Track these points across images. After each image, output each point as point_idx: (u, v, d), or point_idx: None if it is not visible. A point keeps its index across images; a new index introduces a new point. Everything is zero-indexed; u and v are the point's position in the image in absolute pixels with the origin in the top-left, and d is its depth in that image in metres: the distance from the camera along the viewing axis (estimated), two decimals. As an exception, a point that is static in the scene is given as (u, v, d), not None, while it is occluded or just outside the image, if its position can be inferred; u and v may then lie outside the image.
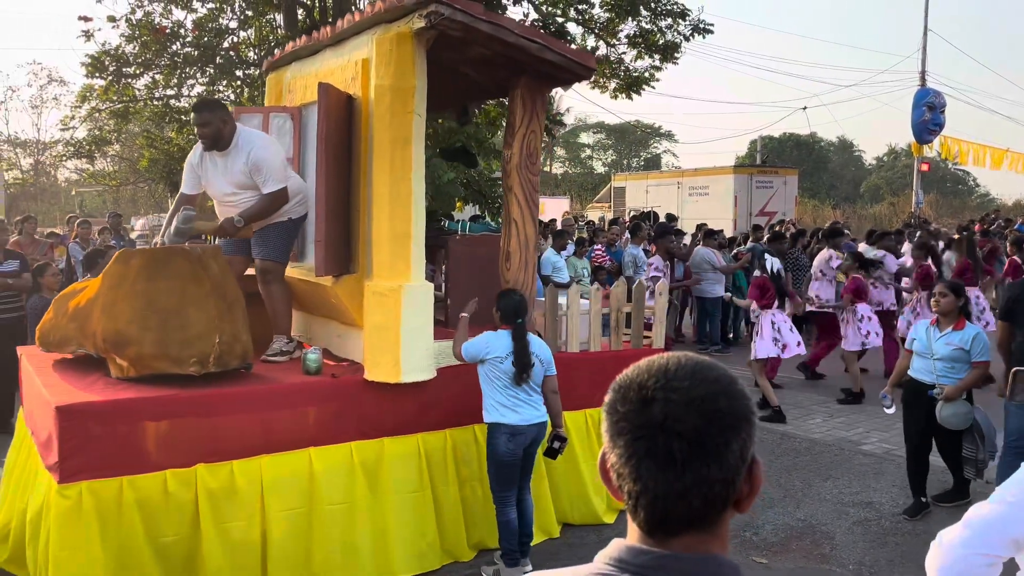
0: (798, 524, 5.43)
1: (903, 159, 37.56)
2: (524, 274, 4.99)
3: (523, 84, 4.87)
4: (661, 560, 1.02)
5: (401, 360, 4.49)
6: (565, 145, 48.49)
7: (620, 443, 1.05)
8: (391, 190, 4.49)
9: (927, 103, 23.10)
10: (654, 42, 16.84)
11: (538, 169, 4.96)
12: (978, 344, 5.15)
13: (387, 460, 4.61)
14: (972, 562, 1.78)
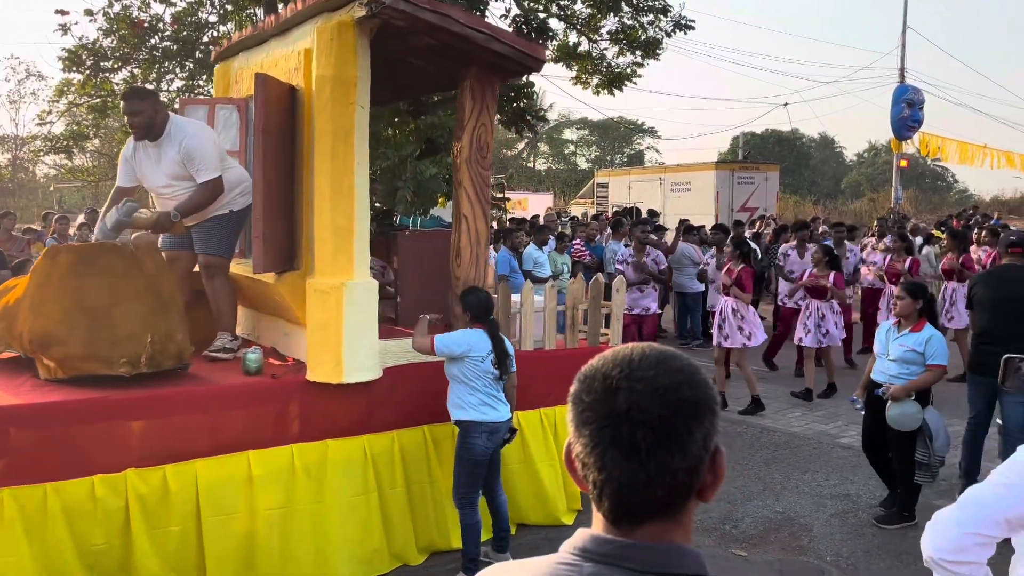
0: (777, 517, 5.41)
1: (883, 155, 37.46)
2: (475, 270, 4.78)
3: (472, 75, 4.65)
4: (625, 549, 1.01)
5: (344, 360, 4.28)
6: (549, 141, 48.17)
7: (585, 432, 1.04)
8: (333, 184, 4.27)
9: (906, 100, 22.93)
10: (636, 38, 16.67)
11: (489, 163, 4.75)
12: (932, 347, 4.95)
13: (331, 463, 4.40)
14: (965, 541, 1.78)
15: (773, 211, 22.13)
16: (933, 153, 25.36)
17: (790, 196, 33.23)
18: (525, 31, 14.97)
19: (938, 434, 4.88)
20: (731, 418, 7.78)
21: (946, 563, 1.81)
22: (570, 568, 1.03)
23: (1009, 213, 30.20)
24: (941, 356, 4.94)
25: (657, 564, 1.01)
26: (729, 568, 4.70)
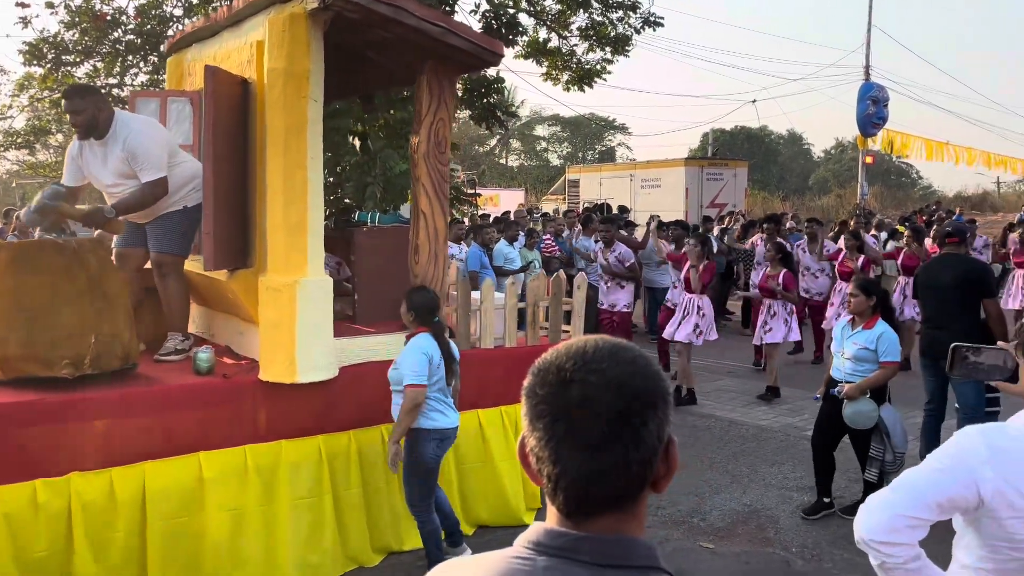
0: (744, 509, 5.43)
1: (850, 152, 37.79)
2: (434, 267, 4.68)
3: (429, 69, 4.55)
4: (578, 542, 1.00)
5: (297, 359, 4.16)
6: (521, 137, 47.93)
7: (539, 426, 1.03)
8: (285, 179, 4.15)
9: (871, 97, 23.16)
10: (605, 34, 16.66)
11: (447, 159, 4.65)
12: (884, 343, 4.93)
13: (284, 464, 4.28)
14: (896, 524, 1.79)
15: (742, 207, 22.23)
16: (897, 150, 25.63)
17: (759, 192, 33.39)
18: (495, 26, 14.89)
19: (894, 430, 4.86)
20: (701, 412, 7.79)
21: (876, 544, 1.82)
22: (524, 562, 1.02)
23: (971, 209, 30.58)
24: (893, 352, 4.92)
25: (611, 556, 1.00)
26: (697, 561, 4.70)
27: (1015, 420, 1.90)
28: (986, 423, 1.88)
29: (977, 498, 1.76)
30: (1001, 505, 1.75)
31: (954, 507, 1.81)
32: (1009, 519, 1.75)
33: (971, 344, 2.61)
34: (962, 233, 6.20)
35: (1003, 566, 1.79)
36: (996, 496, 1.74)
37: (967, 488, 1.76)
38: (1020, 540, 1.75)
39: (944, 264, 5.86)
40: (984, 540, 1.81)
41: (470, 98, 13.98)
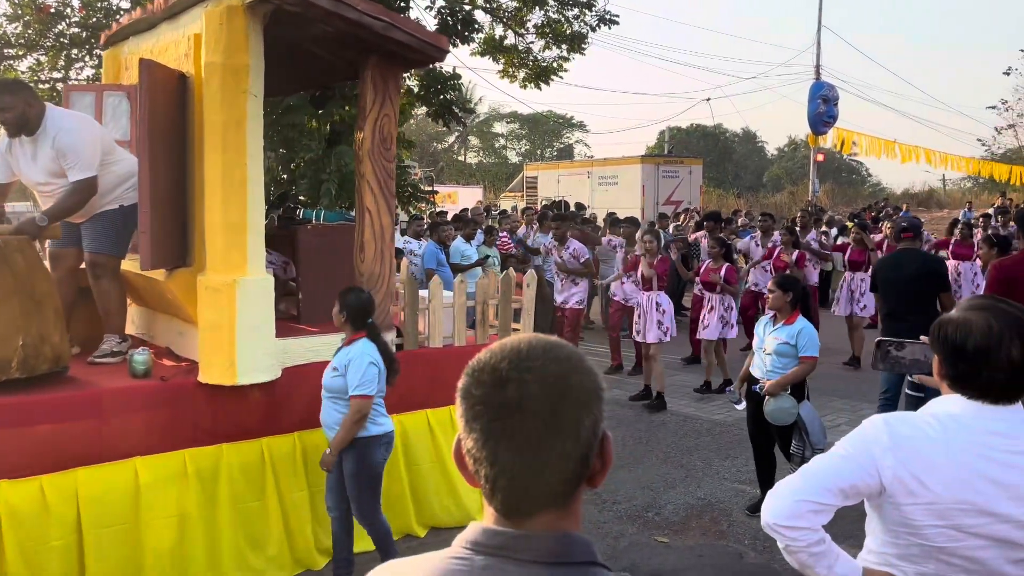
0: (698, 503, 5.46)
1: (802, 150, 38.29)
2: (380, 266, 4.58)
3: (373, 65, 4.45)
4: (516, 540, 1.00)
5: (237, 360, 4.04)
6: (479, 135, 47.73)
7: (476, 427, 1.01)
8: (224, 176, 4.03)
9: (822, 96, 23.52)
10: (561, 32, 16.68)
11: (393, 155, 4.56)
12: (803, 339, 4.94)
13: (226, 468, 4.17)
14: (799, 508, 1.83)
15: (697, 204, 22.42)
16: (848, 148, 26.07)
17: (714, 189, 33.74)
18: (451, 23, 14.78)
19: (812, 426, 4.86)
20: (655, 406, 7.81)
21: (780, 528, 1.86)
22: (462, 562, 1.01)
23: (918, 206, 31.30)
24: (811, 348, 4.93)
25: (548, 553, 1.00)
26: (651, 555, 4.70)
27: (926, 408, 1.91)
28: (892, 412, 1.93)
29: (879, 484, 1.80)
30: (900, 492, 1.78)
31: (857, 493, 1.85)
32: (908, 505, 1.78)
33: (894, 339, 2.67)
34: (916, 228, 6.39)
35: (904, 551, 1.83)
36: (895, 483, 1.78)
37: (869, 475, 1.81)
38: (919, 526, 1.78)
39: (901, 259, 6.03)
40: (886, 526, 1.84)
41: (427, 94, 13.88)
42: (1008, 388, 1.80)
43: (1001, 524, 1.75)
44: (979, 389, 1.81)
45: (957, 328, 1.85)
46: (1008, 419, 1.80)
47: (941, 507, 1.76)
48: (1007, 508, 1.74)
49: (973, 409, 1.81)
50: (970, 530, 1.75)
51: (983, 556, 1.76)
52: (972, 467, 1.76)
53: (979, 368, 1.80)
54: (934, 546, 1.78)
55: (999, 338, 1.78)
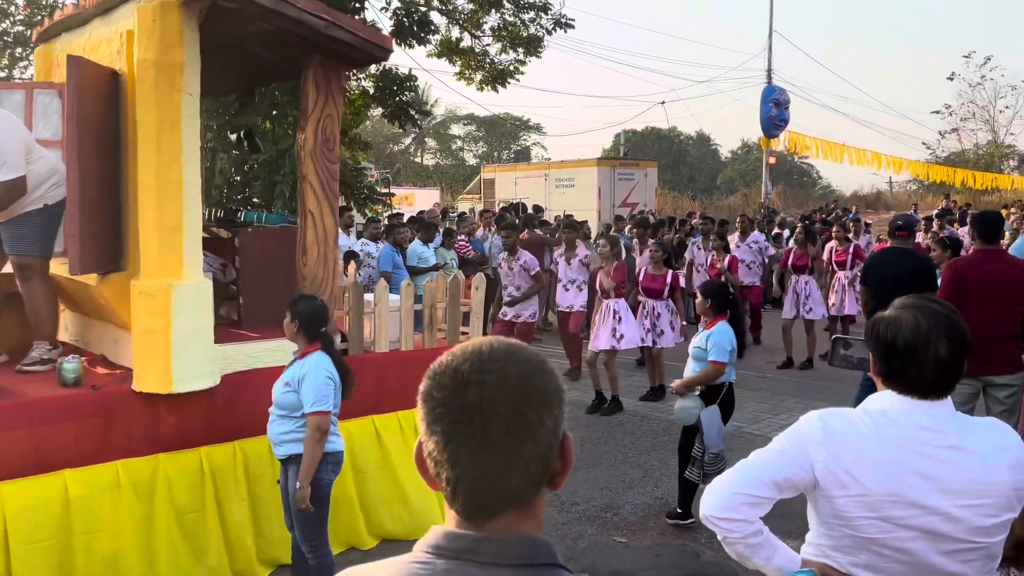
0: (655, 503, 5.46)
1: (755, 153, 38.83)
2: (323, 269, 4.46)
3: (315, 64, 4.33)
4: (477, 543, 1.00)
5: (173, 368, 3.89)
6: (436, 136, 47.44)
7: (437, 429, 1.01)
8: (158, 177, 3.87)
9: (773, 99, 23.84)
10: (517, 35, 16.67)
11: (336, 156, 4.44)
12: (711, 343, 4.95)
13: (163, 479, 4.01)
14: (734, 501, 1.87)
15: (653, 206, 22.57)
16: (800, 151, 26.48)
17: (669, 192, 34.01)
18: (407, 24, 14.65)
19: (709, 430, 4.87)
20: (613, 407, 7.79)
21: (717, 520, 1.89)
22: (424, 566, 1.01)
23: (866, 207, 31.92)
24: (716, 353, 4.90)
25: (510, 555, 1.00)
26: (610, 556, 4.71)
27: (862, 405, 1.94)
28: (828, 408, 1.94)
29: (812, 478, 1.84)
30: (832, 485, 1.82)
31: (791, 486, 1.88)
32: (840, 498, 1.82)
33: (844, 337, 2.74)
34: (910, 227, 6.59)
35: (838, 542, 1.86)
36: (828, 476, 1.82)
37: (802, 468, 1.85)
38: (851, 518, 1.82)
39: (896, 256, 6.16)
40: (821, 518, 1.88)
41: (383, 96, 13.74)
42: (936, 384, 1.83)
43: (929, 516, 1.78)
44: (909, 385, 1.84)
45: (888, 326, 1.88)
46: (936, 414, 1.84)
47: (871, 499, 1.79)
48: (935, 501, 1.78)
49: (904, 405, 1.85)
50: (899, 521, 1.79)
51: (912, 547, 1.79)
52: (901, 461, 1.79)
53: (908, 365, 1.83)
54: (865, 537, 1.81)
55: (927, 336, 1.81)
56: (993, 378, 5.02)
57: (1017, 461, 1.83)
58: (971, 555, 1.81)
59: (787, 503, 1.99)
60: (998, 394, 5.06)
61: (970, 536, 1.79)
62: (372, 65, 6.92)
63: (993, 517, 1.80)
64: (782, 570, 1.91)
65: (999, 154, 38.75)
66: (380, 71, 13.83)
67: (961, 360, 1.84)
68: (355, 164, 13.07)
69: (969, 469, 1.79)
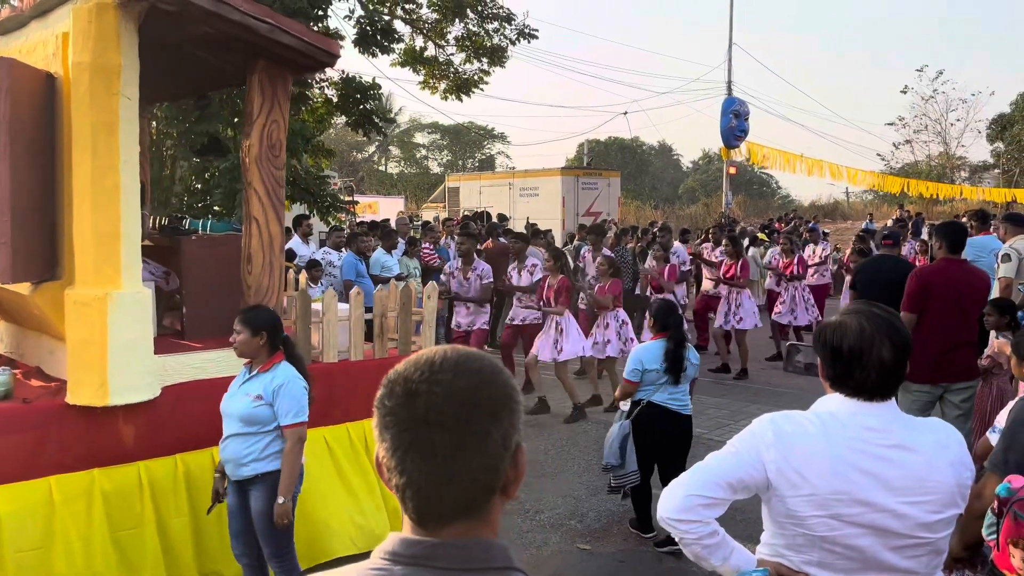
0: (619, 509, 5.45)
1: (716, 163, 39.23)
2: (268, 278, 4.34)
3: (260, 69, 4.22)
4: (432, 549, 1.01)
5: (109, 380, 3.74)
6: (400, 145, 47.15)
7: (387, 437, 1.03)
8: (95, 183, 3.73)
9: (733, 111, 24.06)
10: (482, 45, 16.63)
11: (282, 163, 4.33)
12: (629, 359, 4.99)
13: (98, 494, 3.86)
14: (689, 503, 1.89)
15: (616, 216, 22.63)
16: (759, 161, 26.77)
17: (632, 201, 34.18)
18: (370, 32, 14.53)
19: (607, 440, 4.90)
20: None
21: (673, 522, 1.91)
22: (381, 572, 1.01)
23: (825, 217, 32.39)
24: (627, 370, 4.94)
25: (465, 560, 1.00)
26: (574, 563, 4.69)
27: (812, 407, 1.99)
28: (781, 411, 1.97)
29: (765, 479, 1.88)
30: (784, 484, 1.86)
31: (745, 487, 1.91)
32: (791, 497, 1.85)
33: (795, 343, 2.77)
34: (895, 237, 7.21)
35: (791, 541, 1.89)
36: (779, 476, 1.86)
37: (755, 469, 1.88)
38: (802, 517, 1.85)
39: (885, 263, 6.68)
40: (775, 518, 1.91)
41: (346, 104, 13.59)
42: (880, 386, 1.88)
43: (876, 513, 1.82)
44: (854, 387, 1.89)
45: (834, 332, 1.93)
46: (881, 415, 1.89)
47: (820, 498, 1.82)
48: (881, 498, 1.82)
49: (850, 406, 1.89)
50: (848, 519, 1.82)
51: (862, 544, 1.83)
52: (847, 460, 1.83)
53: (853, 368, 1.88)
54: (817, 535, 1.84)
55: (871, 340, 1.86)
56: (952, 384, 5.09)
57: (958, 458, 1.89)
58: (918, 551, 1.85)
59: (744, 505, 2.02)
60: (955, 399, 5.12)
61: (916, 532, 1.83)
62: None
63: (937, 513, 1.84)
64: (738, 570, 1.94)
65: (951, 165, 39.62)
66: (343, 79, 13.71)
67: (904, 363, 1.89)
68: (318, 172, 12.90)
69: (913, 467, 1.84)
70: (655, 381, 4.88)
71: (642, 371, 4.85)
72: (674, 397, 4.93)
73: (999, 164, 38.41)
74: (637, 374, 4.86)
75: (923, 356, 4.99)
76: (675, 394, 4.93)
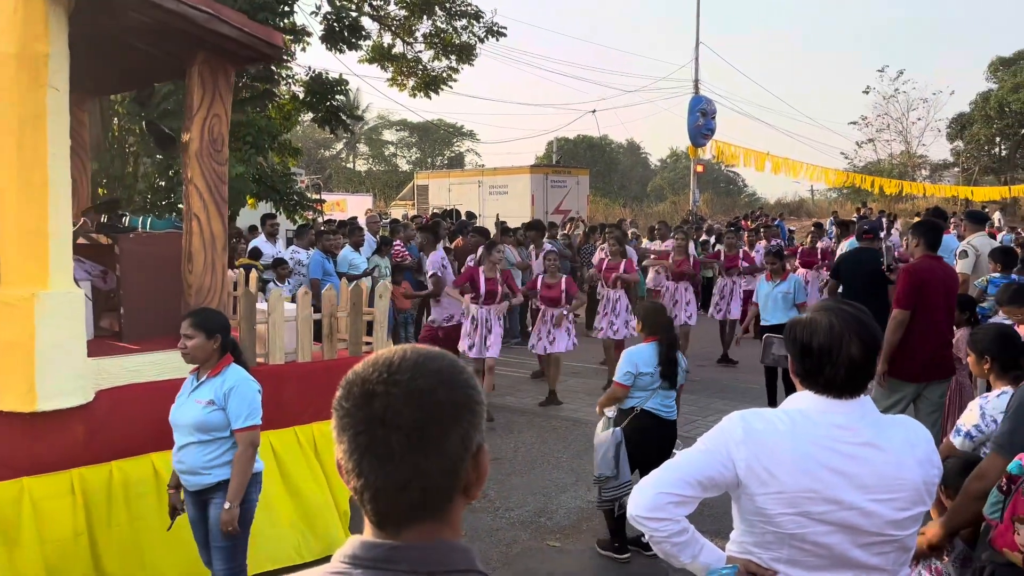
0: (588, 506, 5.40)
1: (683, 161, 39.26)
2: (211, 277, 4.15)
3: (200, 60, 4.04)
4: (392, 552, 0.99)
5: (37, 384, 3.55)
6: (368, 142, 46.60)
7: (344, 439, 1.01)
8: (20, 178, 3.53)
9: (700, 109, 24.07)
10: (450, 42, 16.47)
11: (224, 158, 4.14)
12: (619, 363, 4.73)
13: (27, 505, 3.65)
14: (660, 500, 1.88)
15: (584, 213, 22.57)
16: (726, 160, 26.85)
17: (600, 199, 34.19)
18: (337, 29, 14.30)
19: (597, 452, 4.61)
20: (547, 412, 7.66)
21: (643, 519, 1.90)
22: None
23: (790, 214, 32.66)
24: (618, 373, 4.67)
25: (425, 563, 0.98)
26: (544, 560, 4.65)
27: (782, 404, 1.98)
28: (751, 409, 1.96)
29: (735, 476, 1.87)
30: (753, 482, 1.85)
31: (714, 485, 1.90)
32: (760, 495, 1.84)
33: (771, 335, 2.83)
34: (875, 231, 7.94)
35: (760, 539, 1.89)
36: (749, 474, 1.85)
37: (725, 467, 1.87)
38: (771, 514, 1.84)
39: (861, 255, 7.28)
40: (744, 515, 1.91)
41: (313, 100, 13.37)
42: (849, 383, 1.87)
43: (845, 511, 1.81)
44: (824, 384, 1.88)
45: (804, 328, 1.92)
46: (850, 413, 1.88)
47: (789, 496, 1.82)
48: (850, 496, 1.81)
49: (819, 404, 1.89)
50: (816, 517, 1.82)
51: (830, 541, 1.83)
52: (816, 458, 1.83)
53: (823, 365, 1.87)
54: (786, 533, 1.84)
55: (840, 337, 1.85)
56: (931, 381, 5.06)
57: (926, 456, 1.89)
58: (886, 547, 1.86)
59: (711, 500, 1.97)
60: (933, 395, 5.09)
61: (885, 529, 1.83)
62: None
63: (905, 510, 1.85)
64: (708, 567, 1.93)
65: (912, 164, 40.13)
66: (311, 76, 13.47)
67: (873, 360, 1.89)
68: (285, 170, 12.67)
69: (881, 464, 1.84)
70: (648, 386, 4.64)
71: (635, 374, 4.60)
72: (666, 404, 4.71)
73: (959, 163, 39.01)
74: (630, 377, 4.60)
75: (919, 355, 4.96)
76: (667, 400, 4.72)
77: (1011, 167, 36.34)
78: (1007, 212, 26.80)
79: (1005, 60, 36.50)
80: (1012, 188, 30.06)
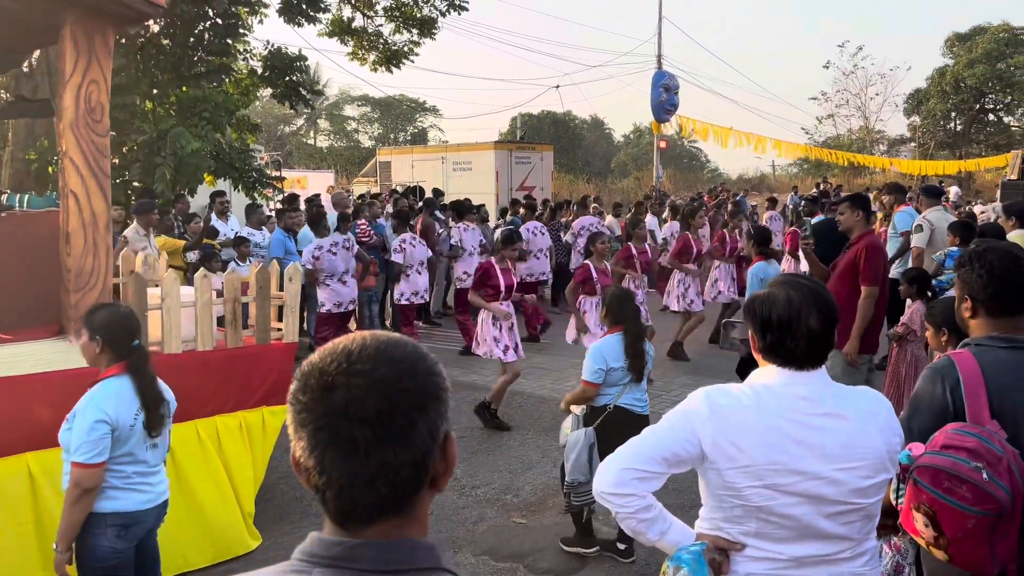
0: (554, 482, 5.29)
1: (647, 137, 38.85)
2: (93, 260, 3.72)
3: (73, 21, 3.58)
4: (353, 550, 0.93)
5: None
6: (329, 118, 45.34)
7: (303, 434, 0.93)
8: None
9: (663, 85, 23.74)
10: (411, 15, 16.03)
11: (105, 129, 3.69)
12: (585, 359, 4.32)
13: None
14: (624, 476, 1.87)
15: (549, 190, 22.16)
16: (689, 135, 26.58)
17: (565, 175, 33.74)
18: (295, 1, 13.73)
19: (568, 454, 4.14)
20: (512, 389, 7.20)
21: (608, 496, 1.89)
22: (298, 575, 0.93)
23: (752, 189, 32.51)
24: (588, 372, 4.24)
25: (388, 561, 0.92)
26: (510, 536, 4.61)
27: (749, 379, 1.96)
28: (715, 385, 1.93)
29: (700, 452, 1.85)
30: (720, 457, 1.83)
31: (679, 461, 1.88)
32: (728, 470, 1.83)
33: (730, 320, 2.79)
34: None
35: (729, 513, 1.87)
36: (715, 449, 1.83)
37: (690, 443, 1.85)
38: (739, 488, 1.83)
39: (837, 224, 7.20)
40: (712, 491, 1.89)
41: (272, 75, 12.88)
42: (810, 354, 1.87)
43: (810, 481, 1.81)
44: (785, 357, 1.88)
45: (763, 303, 1.91)
46: (812, 384, 1.88)
47: (756, 469, 1.82)
48: (814, 466, 1.81)
49: (782, 377, 1.88)
50: (783, 488, 1.81)
51: (797, 512, 1.83)
52: (781, 430, 1.83)
53: (783, 337, 1.87)
54: (753, 506, 1.83)
55: (799, 309, 1.85)
56: None
57: (887, 424, 1.90)
58: (852, 516, 1.86)
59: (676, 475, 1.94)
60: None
61: (850, 498, 1.84)
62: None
63: (869, 478, 1.85)
64: (676, 544, 1.90)
65: (870, 139, 40.17)
66: (269, 51, 12.90)
67: (832, 331, 1.88)
68: (243, 147, 12.16)
69: (844, 434, 1.84)
70: (619, 381, 4.24)
71: (605, 370, 4.19)
72: (638, 398, 4.32)
73: (915, 138, 39.09)
74: (600, 374, 4.20)
75: (878, 326, 5.10)
76: (638, 393, 4.32)
77: (966, 142, 36.47)
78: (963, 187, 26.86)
79: (961, 36, 36.49)
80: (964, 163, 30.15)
